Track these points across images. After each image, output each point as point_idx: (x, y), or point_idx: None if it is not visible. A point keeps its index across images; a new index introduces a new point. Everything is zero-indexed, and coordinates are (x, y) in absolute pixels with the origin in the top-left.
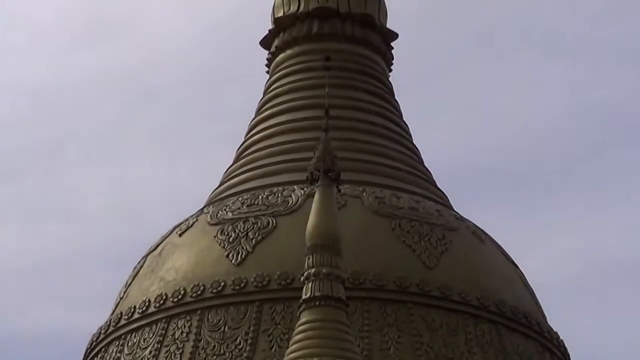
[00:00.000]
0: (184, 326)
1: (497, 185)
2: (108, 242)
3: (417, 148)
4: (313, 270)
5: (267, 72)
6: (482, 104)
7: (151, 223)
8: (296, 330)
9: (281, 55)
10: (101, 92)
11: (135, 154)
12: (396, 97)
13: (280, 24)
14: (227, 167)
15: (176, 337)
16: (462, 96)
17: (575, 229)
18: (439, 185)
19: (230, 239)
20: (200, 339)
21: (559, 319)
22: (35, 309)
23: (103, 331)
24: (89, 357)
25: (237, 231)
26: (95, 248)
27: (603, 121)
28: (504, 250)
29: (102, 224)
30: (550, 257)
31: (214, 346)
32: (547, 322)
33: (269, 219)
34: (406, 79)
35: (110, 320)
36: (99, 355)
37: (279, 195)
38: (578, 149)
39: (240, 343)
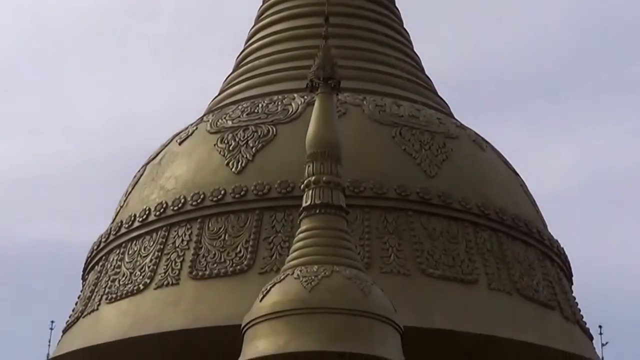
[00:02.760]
0: (185, 234)
1: (498, 94)
2: (108, 155)
3: (417, 56)
4: (313, 178)
5: None
6: (485, 12)
7: (151, 135)
8: (296, 238)
9: None
10: (101, 4)
11: (135, 66)
12: (397, 5)
13: None
14: (227, 75)
15: (177, 245)
16: (464, 4)
17: (578, 139)
18: (439, 94)
19: (230, 147)
20: (201, 247)
21: (560, 227)
22: (37, 221)
23: (103, 240)
24: (90, 266)
25: (237, 139)
26: (95, 161)
27: (608, 32)
28: (505, 159)
29: (102, 137)
30: (552, 166)
31: (215, 254)
32: (547, 230)
33: (269, 127)
34: None
35: (111, 228)
36: (100, 264)
37: (279, 103)
38: (583, 59)
39: (240, 251)
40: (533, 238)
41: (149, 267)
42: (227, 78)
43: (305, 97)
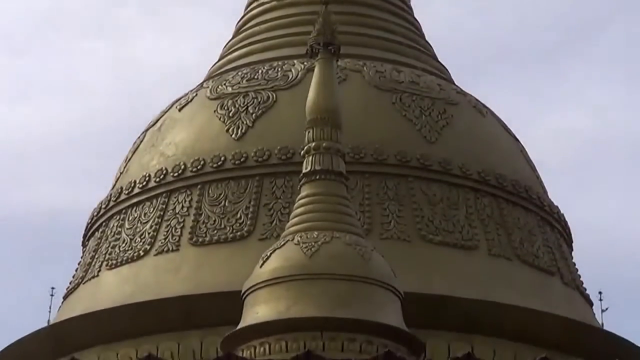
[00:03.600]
0: (185, 201)
1: (499, 60)
2: (109, 119)
3: (418, 22)
4: (313, 144)
5: None
6: None
7: (152, 100)
8: (297, 204)
9: None
10: None
11: (136, 30)
12: None
13: None
14: (227, 41)
15: (177, 211)
16: None
17: (578, 105)
18: (439, 60)
19: (230, 114)
20: (201, 214)
21: (560, 193)
22: (37, 187)
23: (103, 206)
24: (90, 232)
25: (237, 106)
26: (96, 127)
27: None
28: (505, 125)
29: (102, 101)
30: (552, 132)
31: (215, 220)
32: (547, 196)
33: (269, 94)
34: None
35: (111, 195)
36: (100, 230)
37: (279, 69)
38: (581, 23)
39: (240, 217)
40: (533, 204)
41: (149, 233)
42: (226, 44)
43: (305, 63)
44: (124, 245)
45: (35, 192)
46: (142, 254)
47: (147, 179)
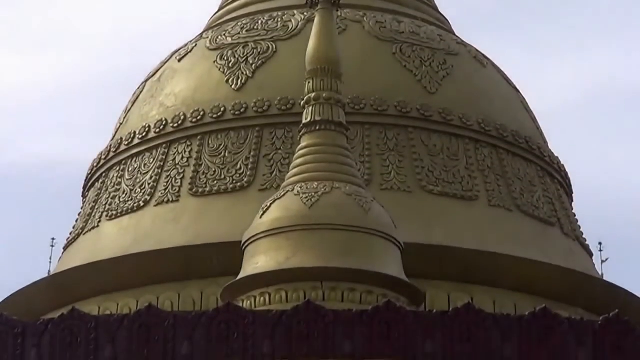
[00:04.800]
0: (185, 151)
1: (499, 10)
2: (108, 70)
3: None
4: (313, 94)
5: None
6: None
7: (151, 50)
8: (297, 155)
9: None
10: None
11: None
12: None
13: None
14: None
15: (177, 162)
16: None
17: (578, 55)
18: (440, 10)
19: (230, 64)
20: (201, 164)
21: (560, 144)
22: (37, 138)
23: (103, 157)
24: (90, 183)
25: (236, 56)
26: (95, 76)
27: None
28: (506, 75)
29: (102, 51)
30: (552, 82)
31: (215, 171)
32: (548, 147)
33: (269, 44)
34: None
35: (110, 146)
36: (100, 181)
37: (279, 19)
38: None
39: (240, 168)
40: (533, 154)
41: (149, 184)
42: None
43: (305, 13)
44: (124, 196)
45: (35, 143)
46: (142, 204)
47: (146, 129)
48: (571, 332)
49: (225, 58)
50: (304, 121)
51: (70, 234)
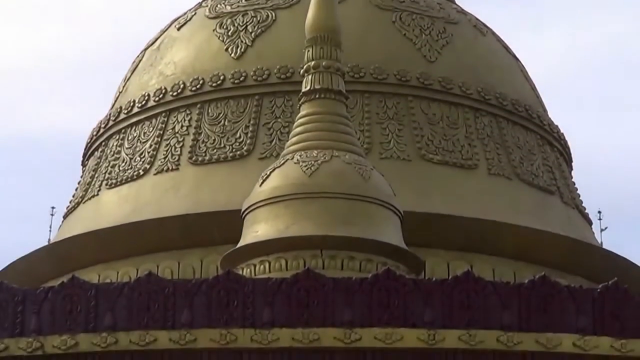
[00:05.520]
0: (184, 120)
1: None
2: (107, 39)
3: None
4: (312, 63)
5: None
6: None
7: (150, 19)
8: (296, 123)
9: None
10: None
11: None
12: None
13: None
14: None
15: (176, 130)
16: None
17: (580, 23)
18: None
19: (229, 33)
20: (201, 133)
21: (560, 113)
22: (36, 107)
23: (103, 125)
24: (90, 151)
25: (236, 25)
26: (94, 44)
27: None
28: (505, 44)
29: (100, 20)
30: (551, 50)
31: (214, 140)
32: (547, 115)
33: (269, 12)
34: None
35: (110, 114)
36: (100, 149)
37: None
38: None
39: (240, 136)
40: (533, 123)
41: (148, 152)
42: None
43: None
44: (123, 164)
45: (36, 112)
46: (141, 173)
47: (146, 98)
48: (570, 299)
49: (225, 26)
50: (303, 90)
51: (70, 202)
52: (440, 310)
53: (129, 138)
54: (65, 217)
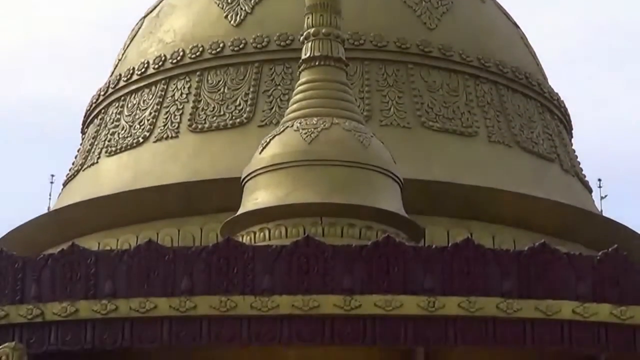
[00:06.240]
0: (184, 87)
1: None
2: (106, 6)
3: None
4: (312, 30)
5: None
6: None
7: None
8: (296, 90)
9: None
10: None
11: None
12: None
13: None
14: None
15: (176, 98)
16: None
17: None
18: None
19: (229, 0)
20: (200, 100)
21: (560, 80)
22: (36, 75)
23: (102, 93)
24: (89, 119)
25: None
26: (94, 13)
27: None
28: (505, 11)
29: None
30: (552, 18)
31: (214, 107)
32: (547, 83)
33: None
34: None
35: (109, 82)
36: (99, 117)
37: None
38: None
39: (240, 104)
40: (533, 91)
41: (148, 120)
42: None
43: None
44: (123, 132)
45: (35, 80)
46: (141, 140)
47: (145, 65)
48: (570, 267)
49: None
50: (303, 57)
51: (70, 170)
52: (440, 277)
53: (129, 106)
54: (64, 185)
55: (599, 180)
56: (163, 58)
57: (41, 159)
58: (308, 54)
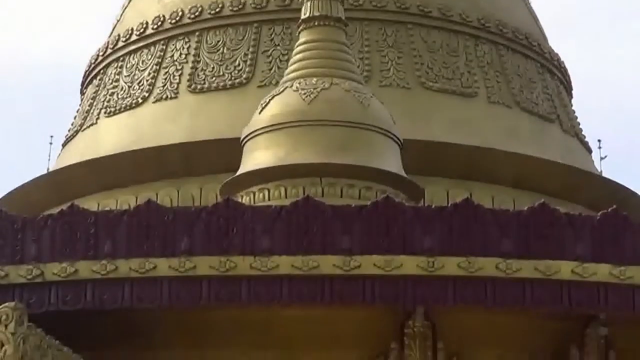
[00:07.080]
0: (183, 48)
1: None
2: None
3: None
4: None
5: None
6: None
7: None
8: (295, 51)
9: None
10: None
11: None
12: None
13: None
14: None
15: (175, 58)
16: None
17: None
18: None
19: None
20: (199, 61)
21: (560, 41)
22: (34, 35)
23: (101, 53)
24: (88, 79)
25: None
26: None
27: None
28: None
29: None
30: None
31: (213, 68)
32: (548, 44)
33: None
34: None
35: (108, 42)
36: (98, 77)
37: None
38: None
39: (239, 64)
40: (533, 51)
41: (147, 80)
42: None
43: None
44: (122, 92)
45: (34, 41)
46: (140, 101)
47: (144, 26)
48: (569, 227)
49: None
50: (302, 17)
51: (69, 131)
52: (439, 237)
53: (128, 66)
54: (64, 145)
55: (599, 140)
56: (162, 18)
57: (40, 120)
58: (307, 14)
